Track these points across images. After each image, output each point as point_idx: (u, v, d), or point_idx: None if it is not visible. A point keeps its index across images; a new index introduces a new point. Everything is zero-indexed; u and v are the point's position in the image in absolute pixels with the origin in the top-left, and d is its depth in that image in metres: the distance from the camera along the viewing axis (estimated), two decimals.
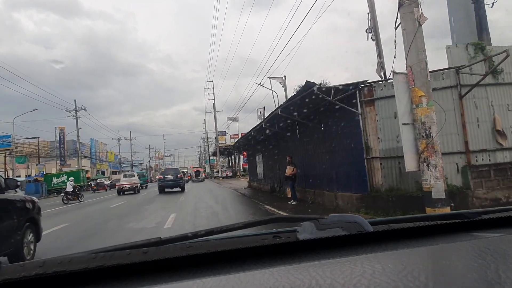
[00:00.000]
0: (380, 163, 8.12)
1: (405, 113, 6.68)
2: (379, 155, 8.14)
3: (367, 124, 8.27)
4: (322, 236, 0.80)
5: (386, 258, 0.67)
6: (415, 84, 6.51)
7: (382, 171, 8.08)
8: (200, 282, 0.61)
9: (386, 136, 8.12)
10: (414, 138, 6.56)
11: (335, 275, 0.58)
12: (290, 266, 0.65)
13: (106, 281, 0.67)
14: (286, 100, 9.37)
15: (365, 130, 8.28)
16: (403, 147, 6.55)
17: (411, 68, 6.57)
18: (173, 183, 23.54)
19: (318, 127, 10.55)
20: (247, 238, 0.89)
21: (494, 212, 1.03)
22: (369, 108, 8.28)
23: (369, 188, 8.15)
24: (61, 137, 48.27)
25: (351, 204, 8.72)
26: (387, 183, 8.04)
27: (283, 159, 15.71)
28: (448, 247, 0.74)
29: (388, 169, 8.07)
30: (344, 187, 9.27)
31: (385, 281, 0.55)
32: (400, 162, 7.96)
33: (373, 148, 8.20)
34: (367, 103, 8.31)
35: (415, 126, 6.53)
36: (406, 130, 6.61)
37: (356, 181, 8.65)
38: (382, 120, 8.16)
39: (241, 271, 0.65)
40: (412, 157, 6.55)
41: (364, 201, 8.21)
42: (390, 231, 0.87)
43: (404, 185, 7.88)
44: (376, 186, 8.12)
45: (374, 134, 8.20)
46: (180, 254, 0.72)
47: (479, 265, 0.59)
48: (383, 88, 8.18)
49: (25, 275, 0.64)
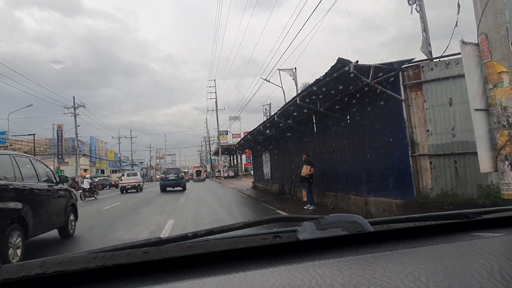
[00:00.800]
0: (429, 162, 6.48)
1: (477, 96, 5.05)
2: (428, 152, 6.51)
3: (413, 113, 6.64)
4: (322, 236, 0.80)
5: (386, 258, 0.66)
6: (492, 57, 4.87)
7: (432, 172, 6.44)
8: (200, 282, 0.61)
9: (438, 128, 6.48)
10: (490, 129, 4.94)
11: (335, 275, 0.58)
12: (290, 266, 0.65)
13: (106, 281, 0.67)
14: (309, 86, 7.76)
15: (410, 121, 6.65)
16: (476, 141, 4.92)
17: (486, 36, 4.93)
18: (175, 182, 23.90)
19: (342, 119, 8.91)
20: (247, 238, 0.88)
21: (494, 212, 1.03)
22: (415, 94, 6.64)
23: (415, 193, 6.52)
24: (59, 134, 47.01)
25: (390, 212, 7.08)
26: (438, 187, 6.40)
27: (295, 158, 14.10)
28: (448, 247, 0.73)
29: (440, 170, 6.43)
30: (379, 191, 7.63)
31: (385, 281, 0.54)
32: (457, 160, 6.33)
33: (420, 144, 6.56)
34: (412, 87, 6.67)
35: (491, 112, 4.91)
36: (479, 118, 4.99)
37: (396, 184, 7.02)
38: (432, 109, 6.51)
39: (241, 271, 0.64)
40: (487, 154, 4.93)
41: (408, 209, 6.56)
42: (390, 231, 0.87)
43: (462, 190, 6.25)
44: (424, 190, 6.49)
45: (422, 126, 6.57)
46: (180, 254, 0.72)
47: (479, 265, 0.59)
48: (434, 68, 6.53)
49: (25, 275, 0.64)
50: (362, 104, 7.88)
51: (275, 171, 18.01)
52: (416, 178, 6.56)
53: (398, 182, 6.96)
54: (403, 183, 6.80)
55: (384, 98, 6.92)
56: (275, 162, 17.88)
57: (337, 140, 9.71)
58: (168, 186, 23.71)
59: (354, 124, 8.55)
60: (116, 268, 0.68)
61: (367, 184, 8.12)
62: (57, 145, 46.58)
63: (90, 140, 59.33)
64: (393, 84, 6.79)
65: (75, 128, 39.02)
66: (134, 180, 26.24)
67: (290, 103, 9.42)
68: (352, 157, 8.78)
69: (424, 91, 6.57)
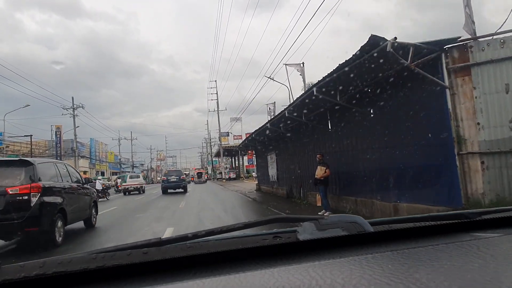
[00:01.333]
0: (480, 161, 5.35)
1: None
2: (478, 149, 5.39)
3: (459, 103, 5.52)
4: (322, 237, 0.79)
5: (386, 259, 0.66)
6: None
7: (485, 174, 5.32)
8: (200, 283, 0.61)
9: (491, 120, 5.36)
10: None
11: (335, 276, 0.58)
12: (290, 267, 0.65)
13: (106, 282, 0.67)
14: (330, 73, 6.62)
15: (455, 113, 5.53)
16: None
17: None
18: (176, 184, 24.20)
19: (366, 112, 7.78)
20: (247, 238, 0.87)
21: (494, 212, 1.02)
22: (462, 79, 5.52)
23: (463, 198, 5.40)
24: (57, 135, 46.08)
25: None
26: (492, 192, 5.28)
27: (305, 158, 12.97)
28: (448, 247, 0.72)
29: (495, 171, 5.31)
30: (413, 195, 6.49)
31: (385, 282, 0.54)
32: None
33: (468, 140, 5.45)
34: (458, 71, 5.55)
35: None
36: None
37: (437, 188, 5.90)
38: (483, 97, 5.40)
39: (241, 272, 0.64)
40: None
41: None
42: (390, 232, 0.87)
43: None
44: (474, 196, 5.36)
45: (471, 119, 5.45)
46: (181, 254, 0.71)
47: (479, 265, 0.59)
48: (486, 48, 5.41)
49: (25, 275, 0.64)
50: (392, 94, 6.74)
51: (282, 172, 16.87)
52: (463, 180, 5.44)
53: (439, 186, 5.84)
54: (446, 186, 5.69)
55: (423, 85, 5.81)
56: (282, 163, 16.73)
57: (358, 136, 8.58)
58: (169, 188, 23.87)
59: (381, 117, 7.41)
60: (116, 268, 0.68)
61: (396, 187, 6.98)
62: (56, 147, 45.69)
63: (90, 142, 58.25)
64: (434, 68, 5.67)
65: (74, 129, 37.92)
66: (136, 182, 26.80)
67: (306, 94, 8.26)
68: (378, 156, 7.65)
69: (473, 76, 5.45)
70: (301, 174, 13.27)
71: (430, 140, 5.98)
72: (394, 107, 6.85)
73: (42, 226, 5.93)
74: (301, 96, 8.81)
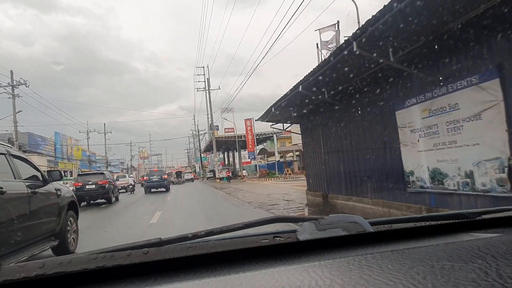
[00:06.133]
0: None
1: None
2: None
3: None
4: (322, 237, 0.78)
5: (386, 259, 0.65)
6: None
7: None
8: (200, 283, 0.60)
9: None
10: None
11: (335, 276, 0.57)
12: (290, 267, 0.64)
13: (106, 282, 0.66)
14: None
15: None
16: None
17: None
18: (158, 183, 25.29)
19: None
20: (247, 238, 0.86)
21: (494, 212, 1.00)
22: None
23: None
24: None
25: None
26: None
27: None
28: (448, 247, 0.71)
29: None
30: None
31: (385, 282, 0.53)
32: None
33: None
34: None
35: None
36: None
37: None
38: None
39: (241, 272, 0.64)
40: None
41: None
42: (390, 231, 0.86)
43: None
44: None
45: None
46: (180, 254, 0.71)
47: (479, 265, 0.58)
48: None
49: (25, 275, 0.63)
50: None
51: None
52: None
53: None
54: None
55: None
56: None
57: None
58: (152, 188, 25.01)
59: None
60: (116, 269, 0.67)
61: None
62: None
63: (55, 136, 47.84)
64: None
65: (13, 115, 27.98)
66: (123, 182, 28.24)
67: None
68: None
69: None
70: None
71: None
72: None
73: None
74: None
